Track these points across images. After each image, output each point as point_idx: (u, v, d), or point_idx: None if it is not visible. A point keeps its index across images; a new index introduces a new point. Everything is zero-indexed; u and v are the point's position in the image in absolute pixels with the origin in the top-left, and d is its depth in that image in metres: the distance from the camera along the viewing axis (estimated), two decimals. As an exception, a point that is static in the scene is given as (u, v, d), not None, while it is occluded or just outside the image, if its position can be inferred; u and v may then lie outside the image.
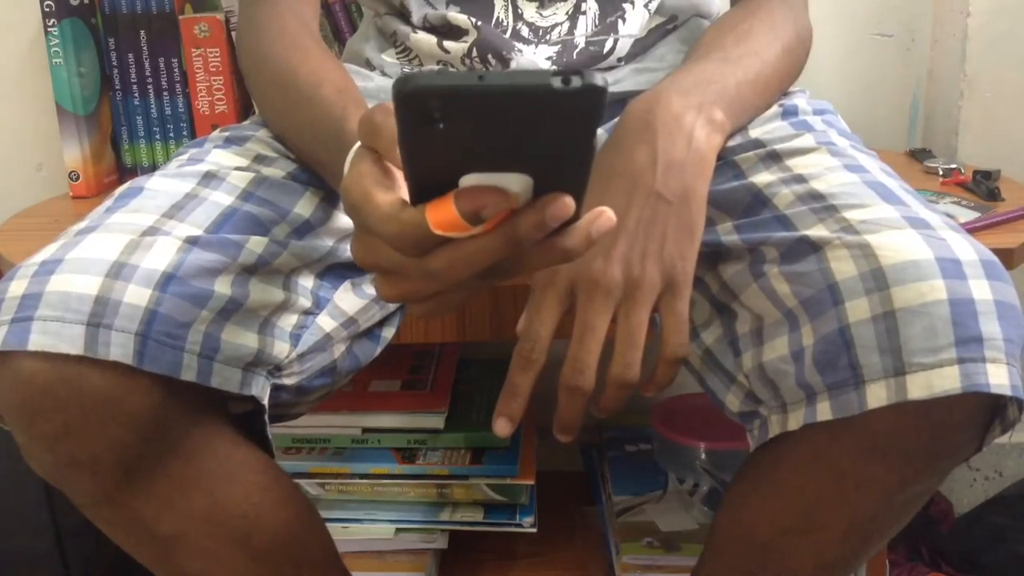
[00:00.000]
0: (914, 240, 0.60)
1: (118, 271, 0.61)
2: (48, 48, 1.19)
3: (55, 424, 0.60)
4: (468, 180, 0.47)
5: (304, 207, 0.75)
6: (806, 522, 0.67)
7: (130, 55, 1.23)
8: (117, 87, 1.25)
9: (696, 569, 0.79)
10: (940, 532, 1.30)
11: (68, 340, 0.58)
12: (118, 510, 0.66)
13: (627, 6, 0.87)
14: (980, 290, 0.58)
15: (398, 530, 1.11)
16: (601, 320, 0.63)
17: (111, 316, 0.59)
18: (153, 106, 1.25)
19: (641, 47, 0.88)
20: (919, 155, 1.25)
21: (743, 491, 0.73)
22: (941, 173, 1.15)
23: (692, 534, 1.12)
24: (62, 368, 0.59)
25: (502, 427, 0.64)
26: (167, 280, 0.62)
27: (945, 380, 0.56)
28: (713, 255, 0.72)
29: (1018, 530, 1.26)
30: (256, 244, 0.68)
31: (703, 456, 1.19)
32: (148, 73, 1.24)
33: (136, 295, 0.61)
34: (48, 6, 1.18)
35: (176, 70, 1.24)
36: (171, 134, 1.26)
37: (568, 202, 0.48)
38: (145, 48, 1.23)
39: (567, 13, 0.86)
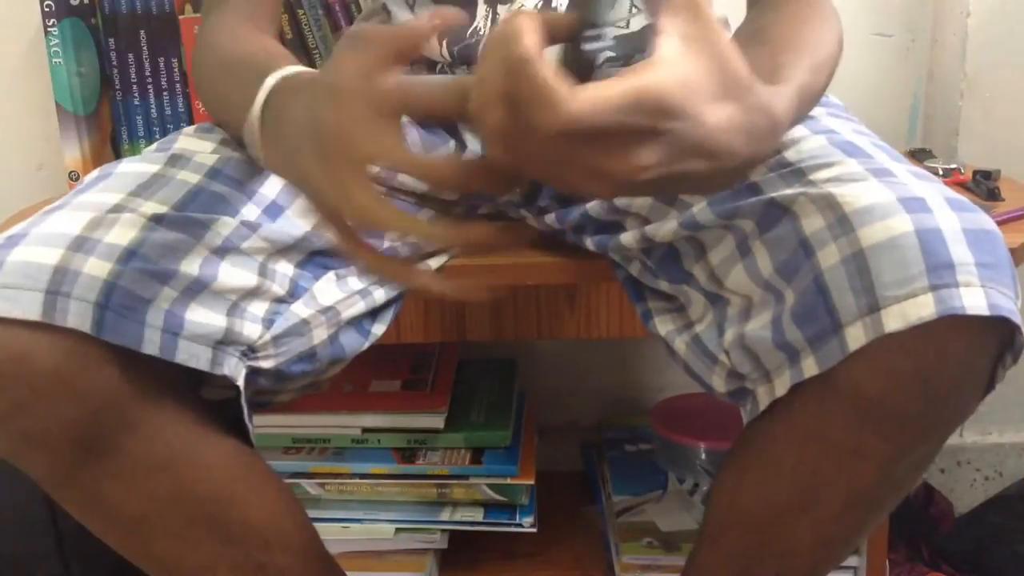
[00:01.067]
0: (876, 186, 0.60)
1: (80, 245, 0.62)
2: (48, 48, 1.19)
3: (3, 401, 0.60)
4: None
5: (271, 187, 0.75)
6: (804, 499, 0.67)
7: (130, 55, 1.23)
8: (117, 87, 1.25)
9: (690, 559, 0.78)
10: (940, 532, 1.30)
11: (25, 306, 0.59)
12: (79, 490, 0.66)
13: (627, 9, 0.86)
14: (947, 220, 0.58)
15: (398, 530, 1.11)
16: None
17: (69, 285, 0.60)
18: (153, 106, 1.25)
19: (631, 47, 0.88)
20: (919, 155, 1.25)
21: (736, 473, 0.72)
22: (941, 173, 1.15)
23: (692, 534, 1.12)
24: (13, 342, 0.59)
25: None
26: (129, 256, 0.63)
27: (920, 308, 0.56)
28: (699, 244, 0.72)
29: (1018, 530, 1.26)
30: (223, 225, 0.69)
31: (703, 456, 1.20)
32: (148, 73, 1.24)
33: (96, 267, 0.61)
34: (48, 6, 1.18)
35: (176, 70, 1.24)
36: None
37: None
38: (145, 48, 1.23)
39: (536, 7, 0.85)
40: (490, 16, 0.86)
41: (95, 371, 0.61)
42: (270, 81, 0.65)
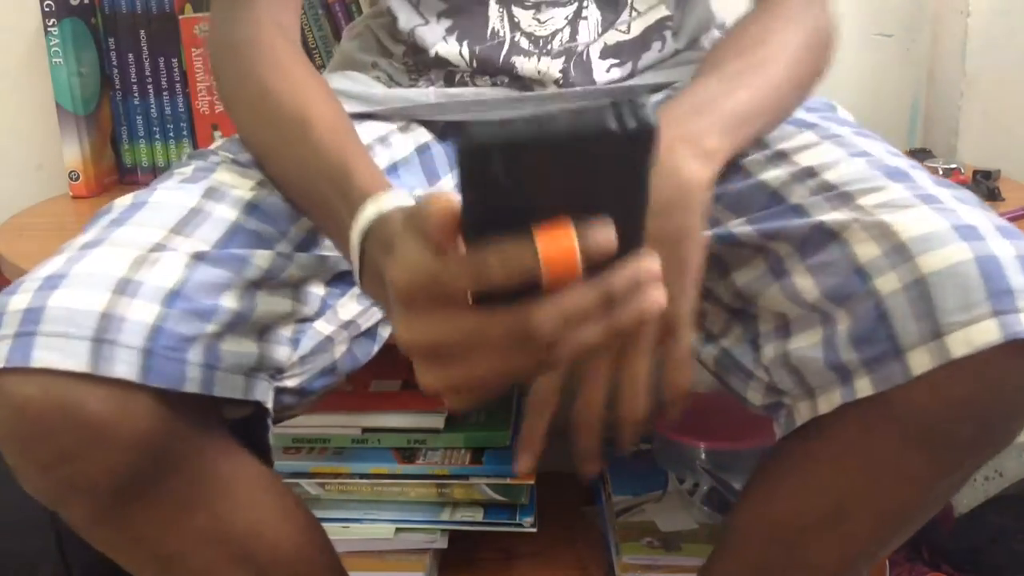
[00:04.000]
0: (927, 214, 0.61)
1: (124, 287, 0.61)
2: (48, 48, 1.19)
3: (49, 451, 0.59)
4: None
5: (304, 225, 0.74)
6: (836, 514, 0.67)
7: (130, 55, 1.23)
8: (117, 87, 1.25)
9: (708, 565, 0.78)
10: (940, 532, 1.30)
11: (73, 356, 0.58)
12: (118, 531, 0.66)
13: (627, 12, 0.86)
14: (1002, 248, 0.58)
15: (398, 530, 1.11)
16: (600, 370, 0.61)
17: (116, 332, 0.59)
18: (153, 106, 1.25)
19: (632, 53, 0.87)
20: (919, 155, 1.25)
21: (768, 485, 0.72)
22: (941, 173, 1.15)
23: (692, 534, 1.12)
24: (58, 392, 0.58)
25: (525, 464, 0.64)
26: (173, 297, 0.62)
27: (985, 334, 0.56)
28: (723, 264, 0.72)
29: (1018, 530, 1.26)
30: (262, 258, 0.68)
31: (703, 456, 1.19)
32: (148, 73, 1.24)
33: (142, 311, 0.60)
34: (48, 6, 1.18)
35: (176, 70, 1.24)
36: (171, 134, 1.26)
37: (655, 261, 0.46)
38: (145, 48, 1.23)
39: (566, 19, 0.85)
40: (505, 17, 0.85)
41: (140, 417, 0.60)
42: (363, 220, 0.61)
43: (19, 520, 1.08)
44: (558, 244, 0.44)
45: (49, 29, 1.18)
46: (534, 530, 1.10)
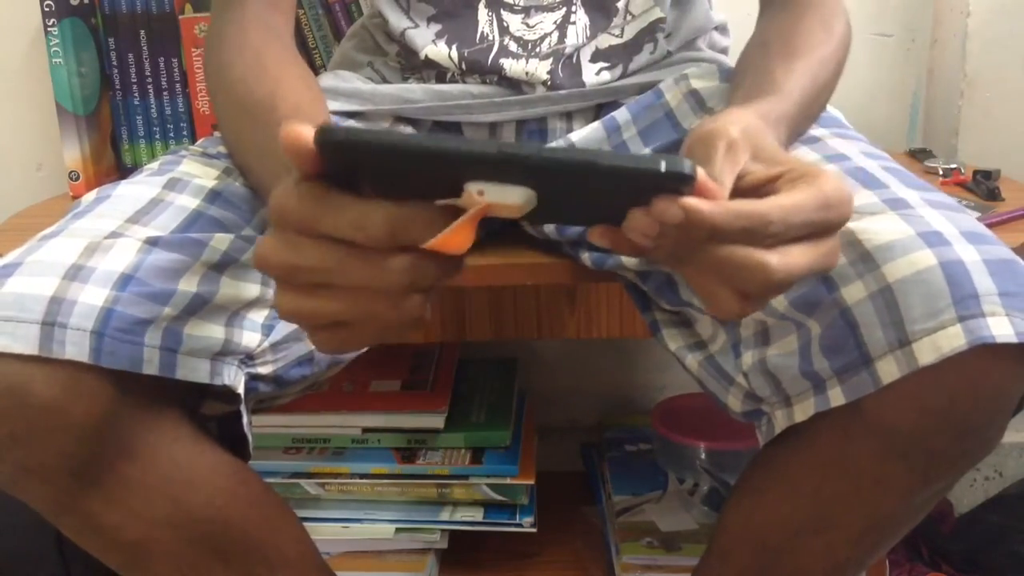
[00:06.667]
0: (893, 221, 0.61)
1: (75, 273, 0.61)
2: (48, 48, 1.19)
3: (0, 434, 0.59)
4: (474, 187, 0.46)
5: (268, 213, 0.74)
6: (820, 523, 0.67)
7: (130, 55, 1.23)
8: (117, 87, 1.25)
9: (698, 570, 0.78)
10: (940, 532, 1.30)
11: (22, 340, 0.58)
12: (77, 517, 0.66)
13: (621, 16, 0.86)
14: (967, 252, 0.58)
15: (398, 530, 1.11)
16: None
17: (66, 315, 0.59)
18: (153, 106, 1.25)
19: (625, 57, 0.87)
20: (919, 155, 1.25)
21: (753, 492, 0.72)
22: (941, 173, 1.15)
23: (692, 534, 1.12)
24: (7, 376, 0.58)
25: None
26: (125, 280, 0.62)
27: (951, 339, 0.56)
28: None
29: (1018, 530, 1.26)
30: (221, 241, 0.68)
31: (703, 456, 1.20)
32: (148, 73, 1.24)
33: (92, 295, 0.60)
34: (48, 6, 1.18)
35: (176, 70, 1.24)
36: (171, 134, 1.26)
37: None
38: (145, 48, 1.23)
39: (555, 23, 0.86)
40: (494, 21, 0.86)
41: (91, 399, 0.60)
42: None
43: (19, 520, 1.08)
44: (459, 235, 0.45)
45: (49, 29, 1.18)
46: (534, 530, 1.10)
